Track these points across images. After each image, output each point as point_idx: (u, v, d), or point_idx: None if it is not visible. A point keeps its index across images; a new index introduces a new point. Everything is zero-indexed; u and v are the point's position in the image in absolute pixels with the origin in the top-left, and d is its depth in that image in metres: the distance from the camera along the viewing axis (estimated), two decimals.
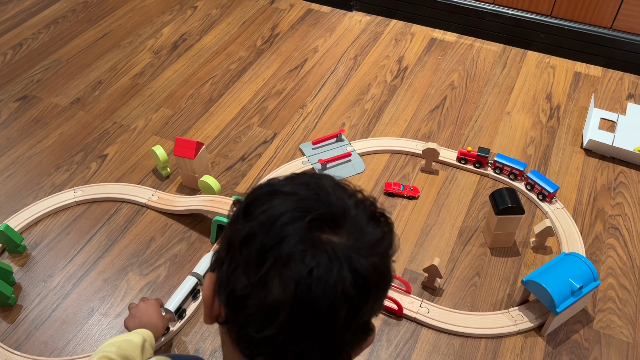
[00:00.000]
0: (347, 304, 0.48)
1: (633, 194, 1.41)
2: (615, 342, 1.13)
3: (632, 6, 1.67)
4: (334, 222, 0.50)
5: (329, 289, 0.47)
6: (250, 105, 1.67)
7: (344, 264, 0.47)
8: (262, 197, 0.52)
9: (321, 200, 0.51)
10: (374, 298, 0.51)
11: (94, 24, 2.01)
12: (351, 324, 0.49)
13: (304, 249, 0.47)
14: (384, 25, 2.00)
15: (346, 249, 0.48)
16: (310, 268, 0.47)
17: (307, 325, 0.48)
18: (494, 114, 1.63)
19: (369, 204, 0.54)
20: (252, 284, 0.48)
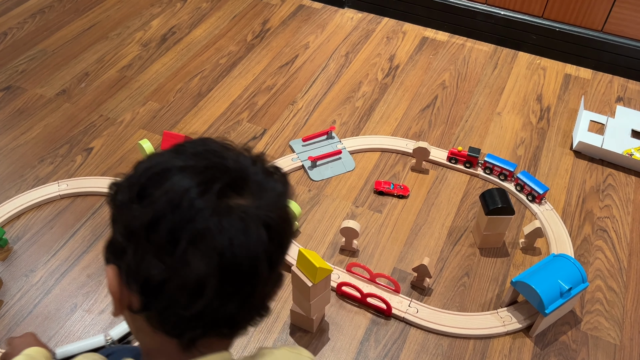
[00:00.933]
0: (267, 259, 0.50)
1: (621, 196, 1.42)
2: (602, 343, 1.13)
3: (623, 9, 1.68)
4: (238, 186, 0.50)
5: (251, 251, 0.49)
6: (240, 101, 1.65)
7: (258, 224, 0.49)
8: (155, 177, 0.50)
9: (220, 168, 0.51)
10: (286, 247, 0.55)
11: (82, 14, 1.97)
12: (272, 276, 0.53)
13: (218, 220, 0.47)
14: (376, 23, 1.99)
15: (256, 209, 0.50)
16: (230, 237, 0.47)
17: (234, 289, 0.49)
18: (484, 114, 1.63)
19: (261, 160, 0.55)
20: (170, 266, 0.47)
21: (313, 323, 1.10)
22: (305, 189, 1.41)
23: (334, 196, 1.40)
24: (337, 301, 1.19)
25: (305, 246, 1.29)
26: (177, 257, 0.47)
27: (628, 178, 1.46)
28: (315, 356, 1.08)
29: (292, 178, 1.44)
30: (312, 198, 1.39)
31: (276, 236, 0.51)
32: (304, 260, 1.00)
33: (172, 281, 0.47)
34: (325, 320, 1.15)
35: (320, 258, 1.01)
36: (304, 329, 1.13)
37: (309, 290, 1.02)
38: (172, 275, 0.47)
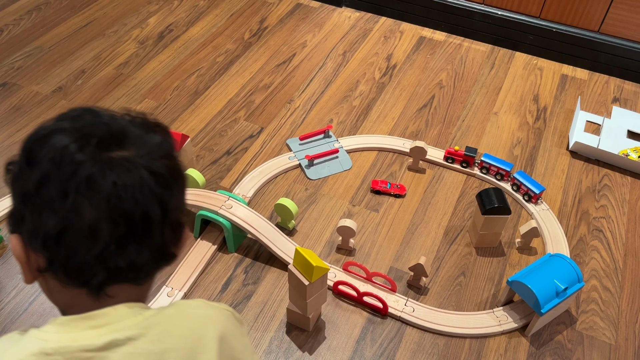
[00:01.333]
0: (157, 201, 0.53)
1: (617, 196, 1.42)
2: (597, 343, 1.13)
3: (620, 10, 1.68)
4: (118, 140, 0.54)
5: (136, 193, 0.52)
6: (237, 99, 1.65)
7: (140, 168, 0.52)
8: (38, 142, 0.54)
9: (97, 125, 0.55)
10: (176, 191, 0.57)
11: (78, 11, 1.97)
12: (166, 219, 0.55)
13: (100, 168, 0.51)
14: (373, 22, 1.99)
15: (137, 157, 0.53)
16: (113, 180, 0.51)
17: (130, 231, 0.52)
18: (481, 114, 1.63)
19: (139, 119, 0.58)
20: (64, 217, 0.51)
21: (309, 322, 1.10)
22: (302, 187, 1.41)
23: (331, 195, 1.40)
24: (333, 300, 1.19)
25: (302, 245, 1.28)
26: (69, 208, 0.50)
27: (624, 178, 1.47)
28: (311, 355, 1.08)
29: (289, 177, 1.44)
30: (309, 197, 1.39)
31: (163, 181, 0.54)
32: (301, 258, 1.00)
33: (68, 231, 0.51)
34: (321, 319, 1.15)
35: (317, 257, 1.01)
36: (300, 327, 1.13)
37: (305, 289, 1.02)
38: (67, 225, 0.51)
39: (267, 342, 1.11)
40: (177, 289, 1.17)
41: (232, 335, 0.60)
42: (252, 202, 1.37)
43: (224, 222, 1.22)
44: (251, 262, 1.25)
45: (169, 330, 0.56)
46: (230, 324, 0.61)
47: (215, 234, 1.28)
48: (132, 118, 0.58)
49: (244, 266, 1.24)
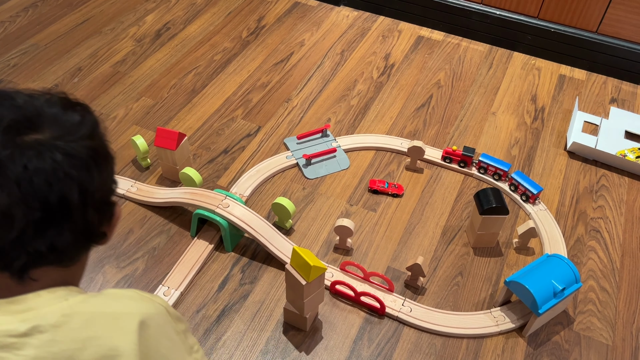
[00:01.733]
0: (75, 184, 0.53)
1: (614, 197, 1.42)
2: (595, 344, 1.13)
3: (618, 11, 1.68)
4: (32, 122, 0.53)
5: (49, 176, 0.51)
6: (235, 98, 1.64)
7: (54, 151, 0.52)
8: None
9: (8, 107, 0.53)
10: (97, 173, 0.56)
11: (75, 8, 1.96)
12: (88, 202, 0.55)
13: (10, 152, 0.50)
14: (372, 21, 1.99)
15: (52, 139, 0.52)
16: (24, 164, 0.50)
17: (47, 215, 0.52)
18: (479, 114, 1.63)
19: (57, 98, 0.57)
20: None
21: (306, 321, 1.10)
22: (300, 187, 1.41)
23: (329, 194, 1.39)
24: (330, 300, 1.18)
25: (299, 244, 1.28)
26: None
27: (621, 179, 1.47)
28: (308, 355, 1.08)
29: (286, 176, 1.44)
30: (306, 196, 1.39)
31: (79, 162, 0.54)
32: (298, 258, 1.00)
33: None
34: (318, 319, 1.15)
35: (314, 256, 1.01)
36: (297, 327, 1.13)
37: (302, 289, 1.01)
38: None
39: (263, 341, 1.10)
40: (173, 288, 1.17)
41: (160, 329, 0.58)
42: (249, 201, 1.36)
43: (220, 221, 1.21)
44: (248, 261, 1.24)
45: (92, 319, 0.55)
46: (160, 318, 0.59)
47: (212, 233, 1.28)
48: (50, 97, 0.57)
49: (240, 265, 1.23)
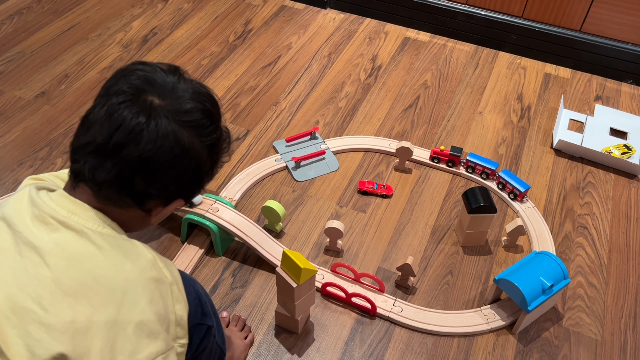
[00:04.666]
0: (148, 162, 0.66)
1: (601, 193, 1.44)
2: (584, 339, 1.14)
3: (601, 9, 1.70)
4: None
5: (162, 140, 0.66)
6: (223, 102, 1.64)
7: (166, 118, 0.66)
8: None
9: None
10: (173, 172, 0.68)
11: (61, 15, 1.95)
12: (152, 177, 0.67)
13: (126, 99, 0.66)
14: (358, 23, 1.99)
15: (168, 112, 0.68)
16: (120, 100, 0.66)
17: (109, 142, 0.65)
18: (466, 114, 1.65)
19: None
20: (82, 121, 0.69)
21: (298, 324, 1.10)
22: (289, 189, 1.41)
23: (318, 196, 1.40)
24: (322, 301, 1.19)
25: (290, 247, 1.28)
26: (87, 114, 0.70)
27: (607, 175, 1.49)
28: (300, 357, 1.08)
29: (275, 179, 1.44)
30: (296, 199, 1.39)
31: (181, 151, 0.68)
32: (289, 261, 1.00)
33: (78, 134, 0.69)
34: (310, 321, 1.15)
35: (305, 259, 1.01)
36: (289, 330, 1.13)
37: (293, 291, 1.02)
38: (79, 130, 0.69)
39: (255, 345, 1.10)
40: None
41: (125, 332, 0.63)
42: (239, 205, 1.37)
43: (211, 226, 1.21)
44: (239, 265, 1.24)
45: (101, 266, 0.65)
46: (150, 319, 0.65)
47: (202, 237, 1.28)
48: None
49: (231, 269, 1.23)
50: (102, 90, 0.69)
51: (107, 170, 0.65)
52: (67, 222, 0.65)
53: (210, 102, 0.72)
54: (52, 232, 0.65)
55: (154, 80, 0.68)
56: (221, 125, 0.75)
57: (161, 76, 0.69)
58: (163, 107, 0.66)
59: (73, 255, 0.64)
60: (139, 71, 0.69)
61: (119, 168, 0.65)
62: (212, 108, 0.72)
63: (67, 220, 0.65)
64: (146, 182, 0.67)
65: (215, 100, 0.74)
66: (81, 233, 0.65)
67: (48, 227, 0.65)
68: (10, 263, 0.63)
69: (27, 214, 0.66)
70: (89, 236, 0.65)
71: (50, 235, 0.64)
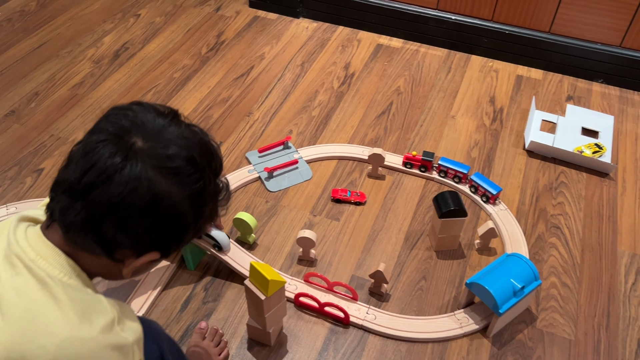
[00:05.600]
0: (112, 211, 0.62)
1: (573, 193, 1.45)
2: (557, 339, 1.14)
3: (568, 10, 1.72)
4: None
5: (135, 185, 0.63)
6: (195, 114, 1.64)
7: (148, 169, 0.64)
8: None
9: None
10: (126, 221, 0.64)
11: (31, 33, 1.94)
12: (123, 224, 0.63)
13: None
14: (331, 31, 2.00)
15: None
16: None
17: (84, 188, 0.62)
18: (439, 118, 1.65)
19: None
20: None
21: (270, 336, 1.09)
22: (263, 200, 1.40)
23: (292, 206, 1.39)
24: (295, 312, 1.18)
25: (263, 258, 1.27)
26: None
27: (579, 175, 1.49)
28: None
29: (248, 190, 1.43)
30: (269, 209, 1.38)
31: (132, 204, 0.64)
32: (256, 273, 0.99)
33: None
34: (283, 333, 1.14)
35: (273, 270, 1.00)
36: (261, 342, 1.12)
37: (262, 304, 1.01)
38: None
39: (228, 358, 1.09)
40: (135, 310, 1.15)
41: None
42: None
43: None
44: (211, 279, 1.23)
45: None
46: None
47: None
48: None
49: (203, 284, 1.22)
50: (92, 127, 0.67)
51: (76, 212, 0.62)
52: (31, 267, 0.63)
53: (200, 149, 0.68)
54: (15, 276, 0.62)
55: (142, 122, 0.65)
56: (207, 175, 0.68)
57: (151, 118, 0.66)
58: (144, 150, 0.63)
59: (30, 308, 0.61)
60: (129, 111, 0.66)
61: (88, 211, 0.62)
62: (200, 156, 0.67)
63: (32, 265, 0.63)
64: (116, 229, 0.63)
65: (207, 148, 0.70)
66: (43, 283, 0.62)
67: (13, 270, 0.62)
68: None
69: (0, 249, 0.64)
70: (50, 287, 0.62)
71: (14, 279, 0.62)
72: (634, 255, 1.30)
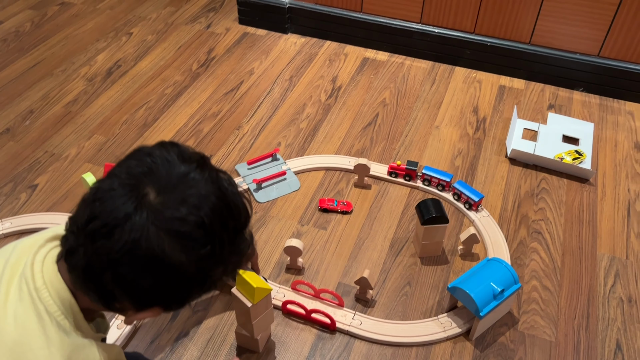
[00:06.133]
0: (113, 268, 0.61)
1: (554, 198, 1.49)
2: (538, 341, 1.17)
3: (547, 22, 1.77)
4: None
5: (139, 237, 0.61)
6: (186, 129, 1.68)
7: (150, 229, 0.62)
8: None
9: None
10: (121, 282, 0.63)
11: (26, 52, 1.98)
12: (122, 279, 0.61)
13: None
14: (319, 46, 2.05)
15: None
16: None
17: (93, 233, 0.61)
18: (423, 129, 1.69)
19: None
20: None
21: (258, 343, 1.12)
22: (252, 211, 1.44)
23: (280, 216, 1.43)
24: (283, 320, 1.21)
25: None
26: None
27: (560, 181, 1.53)
28: None
29: None
30: (258, 220, 1.42)
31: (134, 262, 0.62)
32: (243, 281, 1.03)
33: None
34: (271, 340, 1.17)
35: (259, 278, 1.03)
36: (250, 349, 1.15)
37: (249, 311, 1.04)
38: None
39: None
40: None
41: None
42: None
43: None
44: None
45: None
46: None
47: None
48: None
49: None
50: (112, 168, 0.65)
51: (79, 257, 0.62)
52: (34, 298, 0.64)
53: (217, 208, 0.63)
54: (19, 301, 0.63)
55: (159, 170, 0.62)
56: (220, 239, 0.64)
57: (172, 165, 0.62)
58: (153, 206, 0.60)
59: (21, 341, 0.63)
60: (150, 156, 0.63)
61: (88, 260, 0.61)
62: (214, 218, 0.62)
63: (34, 295, 0.64)
64: (114, 283, 0.62)
65: (227, 206, 0.65)
66: (39, 318, 0.64)
67: (19, 294, 0.64)
68: None
69: (21, 265, 0.66)
70: (45, 324, 0.64)
71: (16, 305, 0.64)
72: (613, 258, 1.34)
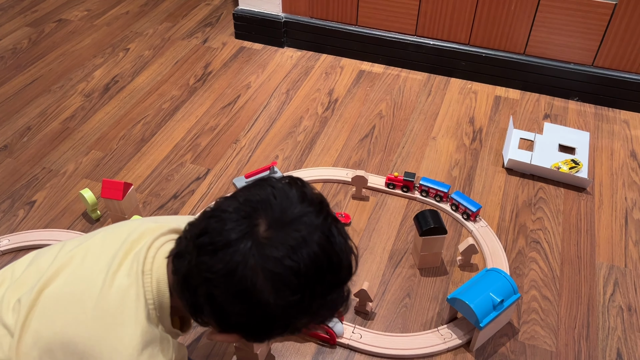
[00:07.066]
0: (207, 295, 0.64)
1: (552, 208, 1.49)
2: (539, 351, 1.17)
3: (541, 33, 1.79)
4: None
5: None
6: (183, 143, 1.69)
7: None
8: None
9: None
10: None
11: (23, 69, 1.99)
12: (213, 298, 0.64)
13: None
14: (315, 59, 2.06)
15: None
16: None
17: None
18: (420, 140, 1.70)
19: None
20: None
21: (257, 358, 1.12)
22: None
23: None
24: None
25: None
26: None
27: (557, 190, 1.54)
28: None
29: None
30: None
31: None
32: None
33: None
34: (271, 354, 1.16)
35: None
36: None
37: None
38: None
39: None
40: None
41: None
42: None
43: None
44: None
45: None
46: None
47: None
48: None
49: None
50: (236, 190, 0.70)
51: (184, 264, 0.65)
52: (138, 278, 0.68)
53: (318, 260, 0.63)
54: (126, 276, 0.68)
55: (275, 205, 0.63)
56: (313, 291, 0.63)
57: (289, 203, 0.64)
58: (259, 238, 0.61)
59: (117, 313, 0.67)
60: (273, 188, 0.65)
61: (190, 269, 0.64)
62: (311, 269, 0.62)
63: (140, 277, 0.69)
64: (205, 300, 0.64)
65: (329, 260, 0.64)
66: (137, 299, 0.68)
67: (129, 270, 0.68)
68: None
69: (140, 244, 0.71)
70: (138, 306, 0.68)
71: (123, 279, 0.68)
72: (611, 266, 1.34)
